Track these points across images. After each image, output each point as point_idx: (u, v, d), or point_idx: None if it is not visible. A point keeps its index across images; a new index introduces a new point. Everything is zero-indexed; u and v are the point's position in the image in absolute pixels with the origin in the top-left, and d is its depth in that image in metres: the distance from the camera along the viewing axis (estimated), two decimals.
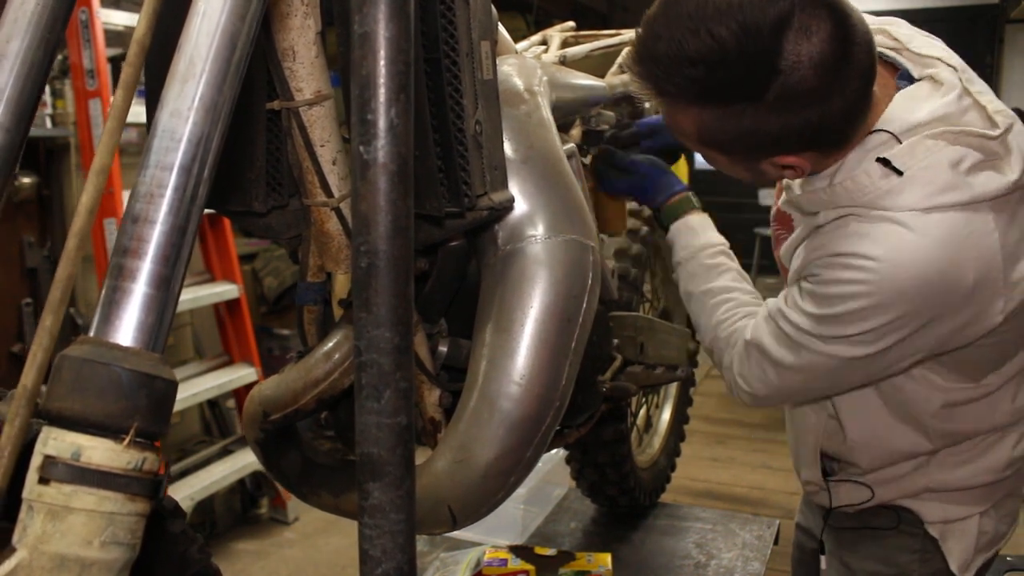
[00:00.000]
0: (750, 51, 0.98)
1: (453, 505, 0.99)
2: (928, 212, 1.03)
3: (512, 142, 1.02)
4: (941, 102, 1.08)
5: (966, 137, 1.05)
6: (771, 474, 3.88)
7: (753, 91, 1.01)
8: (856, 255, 1.06)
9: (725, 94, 1.02)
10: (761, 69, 0.99)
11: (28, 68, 0.73)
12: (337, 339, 1.01)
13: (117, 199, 2.84)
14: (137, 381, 0.57)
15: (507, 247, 0.99)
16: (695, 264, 1.38)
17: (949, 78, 1.10)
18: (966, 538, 1.30)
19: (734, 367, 1.27)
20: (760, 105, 1.01)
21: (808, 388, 1.24)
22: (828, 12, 0.99)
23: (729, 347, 1.29)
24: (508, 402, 0.95)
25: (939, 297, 1.05)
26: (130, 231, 0.59)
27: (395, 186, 0.55)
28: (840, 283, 1.08)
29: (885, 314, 1.06)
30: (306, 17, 0.87)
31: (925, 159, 1.05)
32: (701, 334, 1.38)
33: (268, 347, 4.13)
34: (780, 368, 1.19)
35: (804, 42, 0.98)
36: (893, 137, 1.08)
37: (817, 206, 1.14)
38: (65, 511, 0.55)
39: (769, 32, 0.97)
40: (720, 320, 1.32)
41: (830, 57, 0.98)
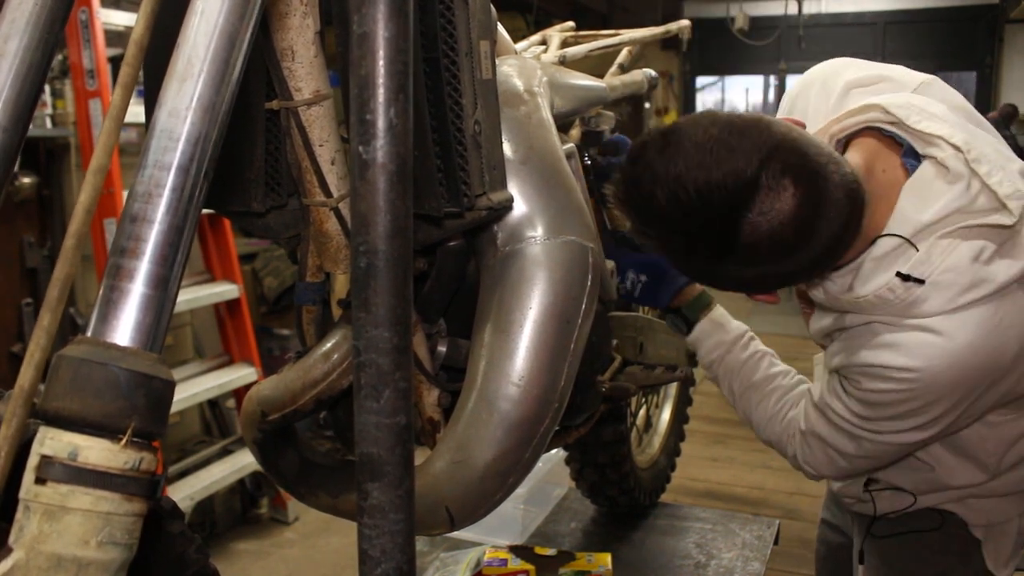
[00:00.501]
0: (709, 223, 0.99)
1: (451, 506, 0.99)
2: (955, 312, 1.03)
3: (512, 143, 1.02)
4: (950, 195, 1.05)
5: (980, 229, 1.04)
6: (771, 474, 3.87)
7: (714, 257, 1.02)
8: (893, 367, 1.07)
9: (689, 250, 1.04)
10: (720, 242, 1.00)
11: (27, 68, 0.73)
12: (335, 340, 1.01)
13: (116, 199, 2.84)
14: (134, 381, 0.57)
15: (506, 248, 0.99)
16: (731, 359, 1.37)
17: (955, 166, 1.06)
18: (1007, 540, 1.31)
19: (799, 457, 1.29)
20: (724, 265, 1.03)
21: (877, 465, 1.27)
22: (794, 190, 0.97)
23: (789, 439, 1.30)
24: (507, 403, 0.95)
25: (985, 378, 1.07)
26: (128, 231, 0.59)
27: (394, 186, 0.55)
28: (883, 392, 1.10)
29: (934, 409, 1.09)
30: (305, 17, 0.87)
31: (943, 262, 1.03)
32: (756, 429, 1.38)
33: (268, 347, 4.13)
34: (842, 455, 1.21)
35: (763, 222, 0.97)
36: (906, 242, 1.06)
37: (842, 308, 1.15)
38: (62, 511, 0.55)
39: (728, 208, 0.97)
40: (772, 415, 1.33)
41: (791, 236, 0.98)
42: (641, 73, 1.74)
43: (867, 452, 1.19)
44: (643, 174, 1.01)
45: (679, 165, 0.98)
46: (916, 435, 1.14)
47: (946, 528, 1.32)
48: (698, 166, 0.97)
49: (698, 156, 0.97)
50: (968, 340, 1.03)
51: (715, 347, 1.38)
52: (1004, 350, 1.05)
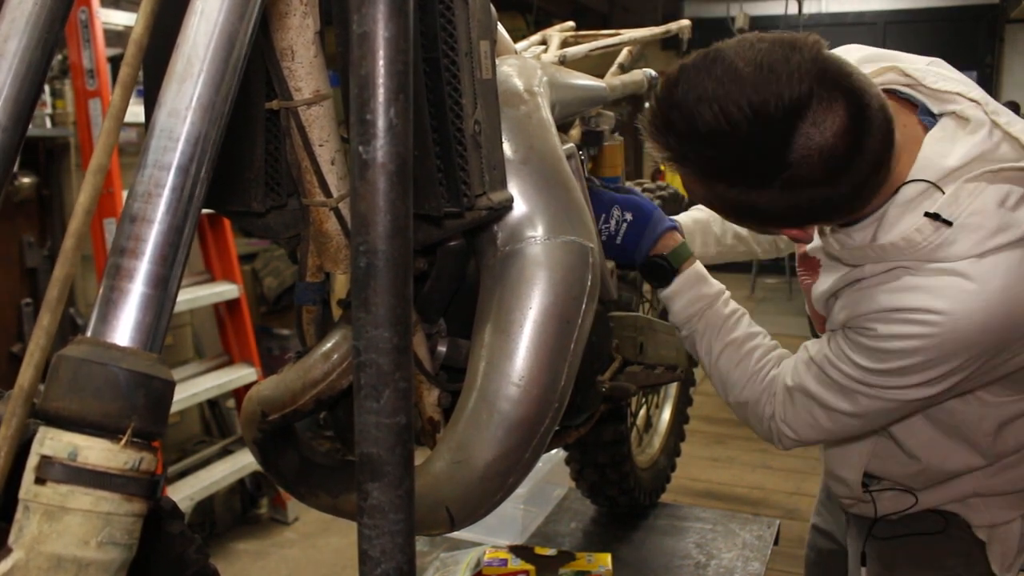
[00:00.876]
0: (761, 140, 0.97)
1: (451, 506, 0.99)
2: (983, 256, 1.02)
3: (512, 143, 1.02)
4: (973, 141, 1.05)
5: (1005, 173, 1.04)
6: (771, 474, 3.88)
7: (761, 179, 1.00)
8: (919, 310, 1.04)
9: (733, 175, 1.02)
10: (770, 158, 0.98)
11: (26, 68, 0.73)
12: (335, 340, 1.01)
13: (116, 199, 2.84)
14: (134, 381, 0.57)
15: (506, 248, 0.99)
16: (713, 315, 1.32)
17: (975, 114, 1.07)
18: (1009, 540, 1.29)
19: (776, 415, 1.24)
20: (767, 189, 1.01)
21: (864, 429, 1.23)
22: (844, 103, 0.97)
23: (769, 397, 1.26)
24: (507, 403, 0.95)
25: (1004, 334, 1.04)
26: (128, 231, 0.59)
27: (394, 186, 0.55)
28: (903, 338, 1.06)
29: (949, 362, 1.06)
30: (305, 17, 0.87)
31: (971, 204, 1.03)
32: (729, 389, 1.32)
33: (268, 347, 4.13)
34: (834, 413, 1.17)
35: (816, 135, 0.96)
36: (932, 185, 1.06)
37: (862, 261, 1.12)
38: (62, 511, 0.55)
39: (782, 121, 0.96)
40: (753, 372, 1.29)
41: (841, 151, 0.97)
42: (641, 73, 1.74)
43: (862, 410, 1.14)
44: (688, 95, 0.99)
45: (728, 82, 0.97)
46: (920, 392, 1.09)
47: (949, 531, 1.31)
48: (749, 81, 0.96)
49: (749, 72, 0.96)
50: (997, 286, 1.01)
51: (696, 300, 1.32)
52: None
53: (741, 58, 0.98)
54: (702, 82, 0.99)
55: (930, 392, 1.10)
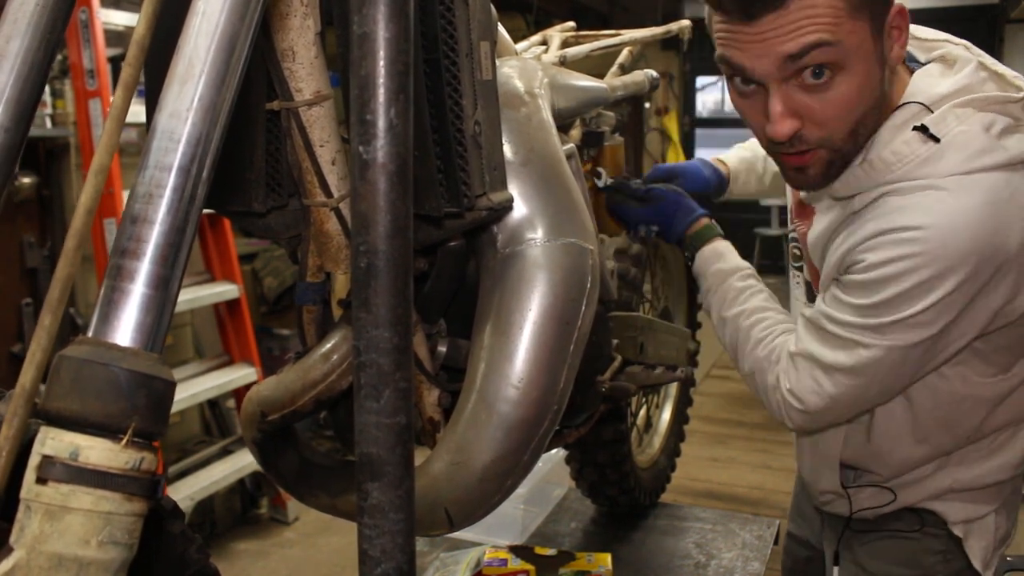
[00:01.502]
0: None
1: (450, 507, 0.99)
2: (968, 175, 1.03)
3: (512, 144, 1.02)
4: (960, 75, 1.09)
5: (992, 104, 1.07)
6: (771, 474, 3.88)
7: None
8: (904, 228, 1.04)
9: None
10: None
11: (28, 68, 0.73)
12: (335, 340, 1.01)
13: (117, 199, 2.84)
14: (135, 381, 0.57)
15: (506, 250, 0.99)
16: (727, 288, 1.36)
17: (962, 54, 1.12)
18: (986, 535, 1.30)
19: (781, 384, 1.23)
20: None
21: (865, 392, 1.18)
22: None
23: (772, 365, 1.25)
24: (506, 405, 0.95)
25: (990, 260, 1.03)
26: (129, 231, 0.59)
27: (394, 186, 0.55)
28: (891, 262, 1.05)
29: (942, 285, 1.04)
30: (305, 17, 0.87)
31: (958, 125, 1.06)
32: (739, 360, 1.33)
33: (268, 347, 4.13)
34: (834, 373, 1.15)
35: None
36: (923, 107, 1.08)
37: (853, 188, 1.12)
38: (63, 511, 0.55)
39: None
40: (759, 339, 1.29)
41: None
42: (642, 74, 1.74)
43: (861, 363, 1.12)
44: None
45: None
46: (916, 333, 1.08)
47: (925, 529, 1.31)
48: None
49: None
50: (979, 202, 1.02)
51: (712, 275, 1.39)
52: (1011, 231, 1.03)
53: None
54: None
55: (924, 334, 1.08)
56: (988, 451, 1.27)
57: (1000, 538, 1.32)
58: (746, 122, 1.16)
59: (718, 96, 10.20)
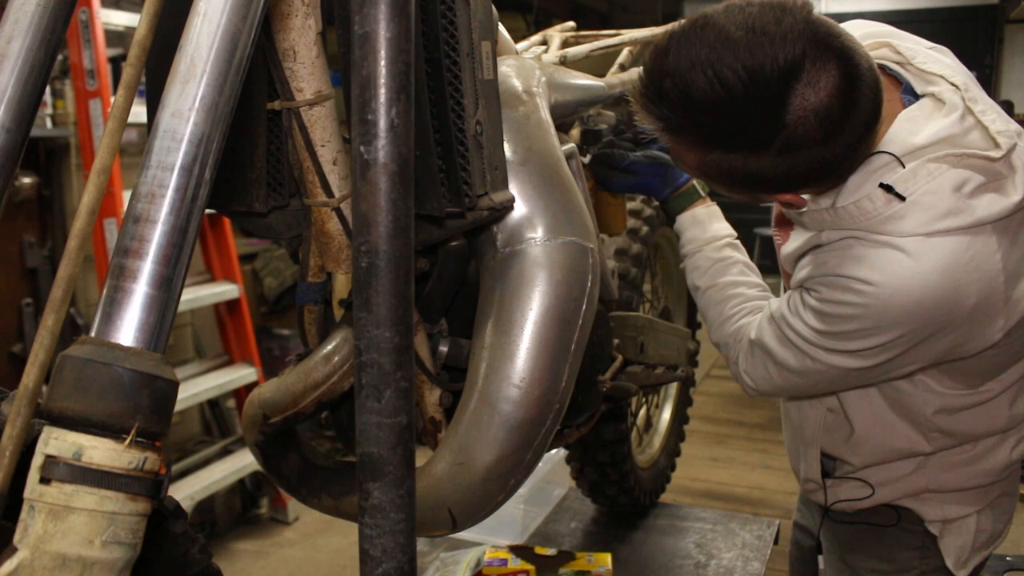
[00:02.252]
0: (757, 102, 0.97)
1: (453, 508, 0.99)
2: (930, 237, 1.03)
3: (511, 144, 1.02)
4: (943, 123, 1.07)
5: (968, 159, 1.04)
6: (771, 474, 3.88)
7: (757, 143, 1.01)
8: (856, 279, 1.06)
9: (729, 141, 1.02)
10: (767, 121, 0.98)
11: (29, 69, 0.73)
12: (336, 342, 1.01)
13: (118, 199, 2.84)
14: (138, 381, 0.57)
15: (506, 249, 0.99)
16: (701, 258, 1.39)
17: (951, 98, 1.09)
18: (963, 536, 1.30)
19: (740, 363, 1.30)
20: (764, 153, 1.01)
21: (809, 389, 1.27)
22: (836, 64, 0.97)
23: (735, 343, 1.31)
24: (508, 405, 0.95)
25: (938, 318, 1.05)
26: (131, 231, 0.59)
27: (396, 186, 0.55)
28: (840, 304, 1.09)
29: (883, 335, 1.08)
30: (307, 17, 0.87)
31: (927, 183, 1.04)
32: (709, 328, 1.39)
33: (268, 347, 4.13)
34: (783, 369, 1.21)
35: (811, 95, 0.97)
36: (895, 159, 1.07)
37: (820, 226, 1.14)
38: (66, 511, 0.55)
39: (777, 83, 0.96)
40: (726, 316, 1.34)
41: (836, 110, 0.98)
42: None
43: (807, 370, 1.18)
44: (680, 63, 0.99)
45: (721, 47, 0.97)
46: (854, 361, 1.12)
47: (902, 524, 1.33)
48: (742, 45, 0.96)
49: (741, 36, 0.96)
50: (934, 267, 1.02)
51: (689, 241, 1.40)
52: (966, 292, 1.03)
53: (732, 23, 0.98)
54: (694, 48, 0.98)
55: (864, 363, 1.12)
56: (968, 457, 1.27)
57: (984, 540, 1.32)
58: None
59: None
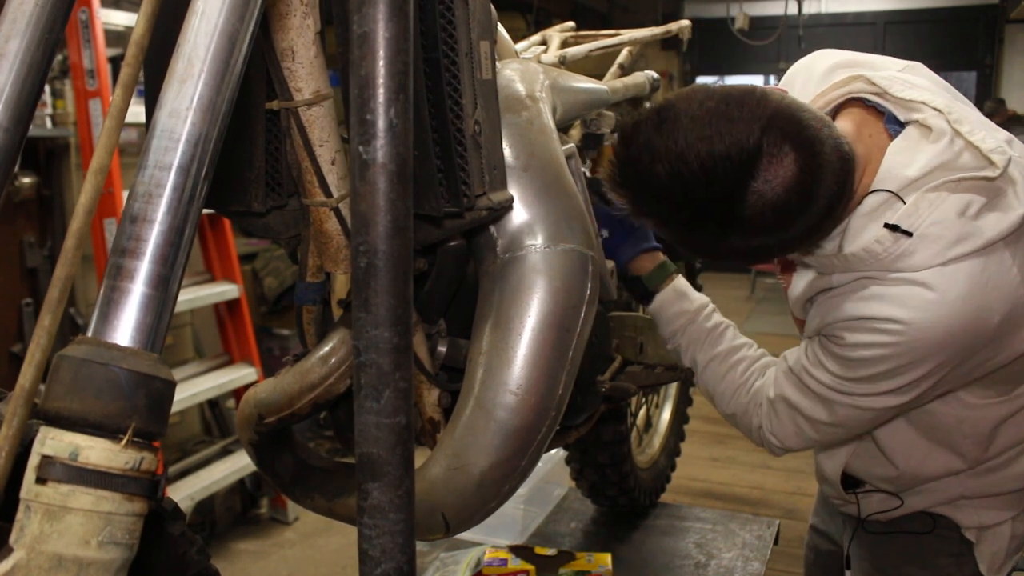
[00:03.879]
0: (713, 198, 0.99)
1: (447, 512, 0.99)
2: (946, 266, 1.03)
3: (513, 149, 1.02)
4: (934, 151, 1.06)
5: (966, 183, 1.04)
6: (771, 474, 3.88)
7: (716, 230, 1.02)
8: (882, 319, 1.05)
9: (692, 227, 1.04)
10: (724, 214, 1.00)
11: (27, 68, 0.73)
12: (333, 344, 1.01)
13: (116, 199, 2.84)
14: (135, 381, 0.57)
15: (506, 255, 0.99)
16: (695, 330, 1.36)
17: (937, 123, 1.08)
18: (998, 542, 1.29)
19: (764, 428, 1.27)
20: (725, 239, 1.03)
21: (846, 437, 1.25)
22: (795, 155, 0.98)
23: (756, 409, 1.28)
24: (504, 411, 0.95)
25: (968, 342, 1.05)
26: (128, 231, 0.59)
27: (394, 186, 0.55)
28: (868, 347, 1.07)
29: (917, 370, 1.07)
30: (305, 17, 0.87)
31: (931, 214, 1.03)
32: (717, 401, 1.36)
33: (268, 347, 4.13)
34: (815, 423, 1.19)
35: (768, 191, 0.98)
36: (893, 195, 1.07)
37: (830, 269, 1.13)
38: (63, 511, 0.55)
39: (733, 180, 0.98)
40: (739, 384, 1.31)
41: (794, 202, 0.99)
42: (644, 75, 1.74)
43: (839, 419, 1.16)
44: (642, 153, 1.02)
45: (680, 140, 0.98)
46: (892, 400, 1.11)
47: (938, 531, 1.31)
48: (699, 139, 0.97)
49: (698, 130, 0.98)
50: (958, 295, 1.02)
51: (678, 316, 1.37)
52: (991, 311, 1.03)
53: (688, 115, 0.99)
54: (653, 141, 1.01)
55: (901, 400, 1.12)
56: (1000, 463, 1.26)
57: (1016, 546, 1.31)
58: None
59: None
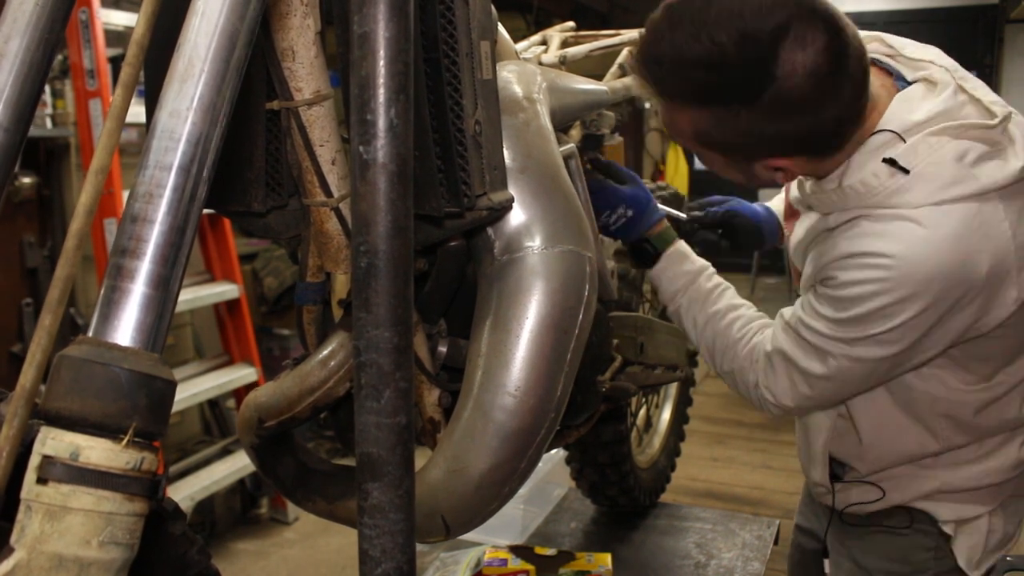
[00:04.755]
0: (748, 57, 1.03)
1: (447, 515, 0.99)
2: (939, 206, 1.06)
3: (510, 151, 1.02)
4: (938, 99, 1.11)
5: (967, 130, 1.08)
6: (771, 474, 3.88)
7: (749, 95, 1.05)
8: (872, 254, 1.08)
9: (722, 97, 1.07)
10: (758, 75, 1.04)
11: (27, 68, 0.73)
12: (332, 346, 1.01)
13: (117, 199, 2.84)
14: (136, 381, 0.57)
15: (504, 257, 0.99)
16: (696, 290, 1.39)
17: (942, 77, 1.14)
18: (976, 536, 1.31)
19: (760, 383, 1.28)
20: (755, 109, 1.06)
21: (839, 393, 1.25)
22: (823, 25, 1.04)
23: (752, 364, 1.30)
24: (502, 414, 0.94)
25: (956, 287, 1.07)
26: (129, 231, 0.59)
27: (394, 186, 0.55)
28: (859, 284, 1.10)
29: (906, 310, 1.08)
30: (305, 17, 0.87)
31: (929, 156, 1.07)
32: (716, 359, 1.37)
33: (268, 347, 4.13)
34: (810, 378, 1.20)
35: (799, 52, 1.02)
36: (896, 136, 1.10)
37: (828, 207, 1.18)
38: (63, 511, 0.55)
39: (767, 40, 1.02)
40: (735, 339, 1.33)
41: (824, 67, 1.03)
42: None
43: (832, 371, 1.17)
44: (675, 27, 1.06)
45: (712, 11, 1.04)
46: (880, 350, 1.13)
47: (915, 526, 1.33)
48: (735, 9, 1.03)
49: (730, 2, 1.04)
50: (948, 234, 1.05)
51: (680, 276, 1.40)
52: (979, 258, 1.06)
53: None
54: (687, 13, 1.06)
55: (889, 351, 1.13)
56: (977, 455, 1.27)
57: (997, 540, 1.32)
58: None
59: None
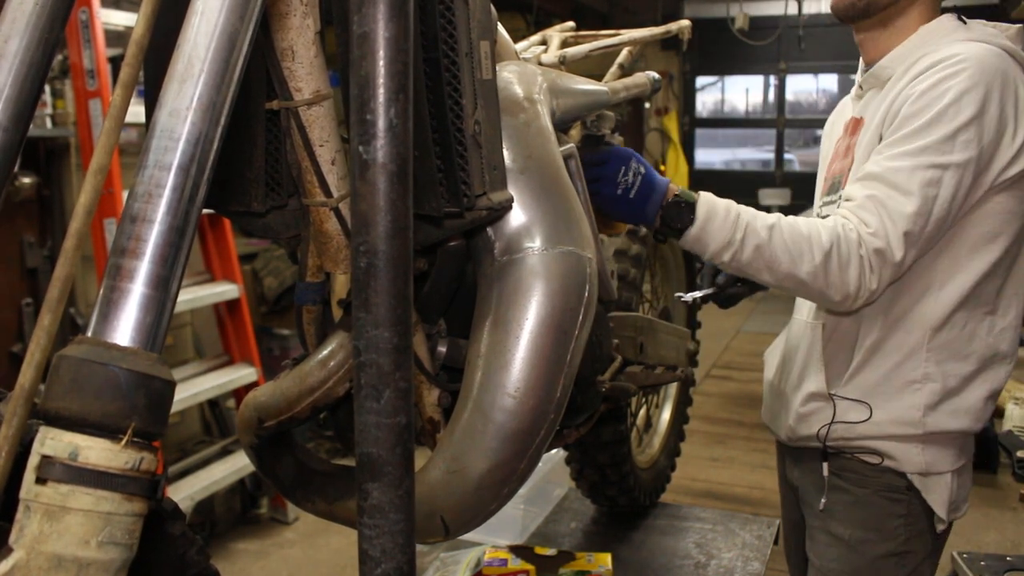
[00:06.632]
0: None
1: (446, 515, 0.99)
2: (987, 43, 1.33)
3: (510, 151, 1.02)
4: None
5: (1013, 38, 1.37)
6: (771, 474, 3.87)
7: None
8: (944, 59, 1.31)
9: None
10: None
11: (27, 68, 0.73)
12: (332, 347, 1.01)
13: (117, 199, 2.84)
14: (135, 381, 0.57)
15: (504, 258, 0.99)
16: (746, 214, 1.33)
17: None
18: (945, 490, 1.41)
19: (860, 238, 1.28)
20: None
21: (923, 232, 1.31)
22: None
23: (842, 228, 1.29)
24: (502, 414, 0.94)
25: (1005, 89, 1.29)
26: (128, 231, 0.59)
27: (394, 186, 0.55)
28: (939, 82, 1.29)
29: (976, 97, 1.28)
30: (305, 17, 0.87)
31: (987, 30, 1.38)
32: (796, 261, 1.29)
33: (268, 347, 4.13)
34: (901, 216, 1.28)
35: None
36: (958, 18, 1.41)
37: (895, 63, 1.41)
38: (62, 511, 0.55)
39: None
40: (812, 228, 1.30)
41: None
42: (644, 76, 1.73)
43: (922, 193, 1.27)
44: None
45: None
46: (961, 153, 1.27)
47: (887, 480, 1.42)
48: None
49: None
50: (996, 58, 1.30)
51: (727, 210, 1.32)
52: (1017, 90, 1.31)
53: None
54: None
55: (968, 154, 1.28)
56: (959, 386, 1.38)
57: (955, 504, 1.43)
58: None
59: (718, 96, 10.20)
